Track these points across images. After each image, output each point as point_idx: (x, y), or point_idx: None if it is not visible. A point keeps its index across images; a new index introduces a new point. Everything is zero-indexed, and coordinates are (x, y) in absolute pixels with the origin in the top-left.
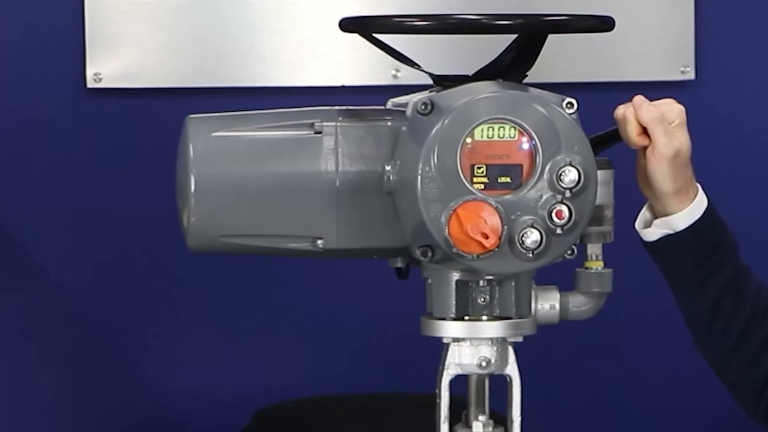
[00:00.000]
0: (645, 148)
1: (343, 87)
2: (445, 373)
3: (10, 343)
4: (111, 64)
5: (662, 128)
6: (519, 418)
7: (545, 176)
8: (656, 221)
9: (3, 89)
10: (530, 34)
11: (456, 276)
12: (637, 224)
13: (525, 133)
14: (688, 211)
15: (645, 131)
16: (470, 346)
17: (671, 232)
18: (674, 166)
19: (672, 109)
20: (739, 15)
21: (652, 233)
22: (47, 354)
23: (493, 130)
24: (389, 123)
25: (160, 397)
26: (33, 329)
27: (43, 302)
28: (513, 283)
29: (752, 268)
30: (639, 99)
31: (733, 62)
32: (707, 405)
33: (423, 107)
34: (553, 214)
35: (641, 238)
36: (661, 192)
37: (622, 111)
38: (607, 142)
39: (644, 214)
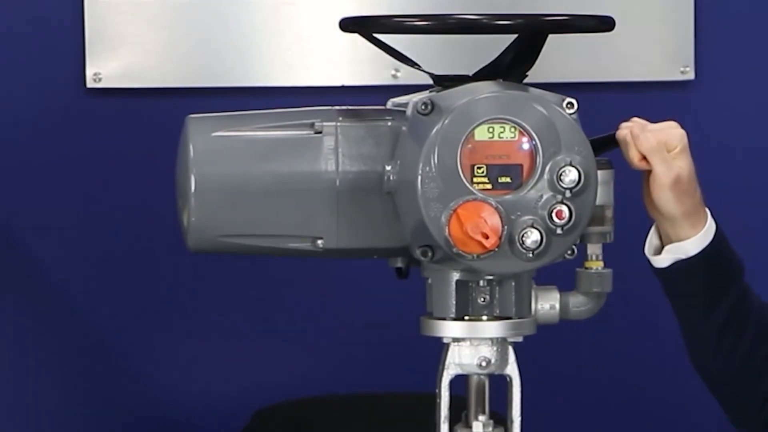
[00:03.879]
0: (648, 171)
1: (343, 87)
2: (445, 373)
3: (9, 343)
4: (111, 64)
5: (660, 157)
6: (519, 418)
7: (545, 176)
8: (667, 247)
9: (3, 89)
10: (530, 34)
11: (456, 276)
12: (647, 251)
13: (525, 133)
14: (701, 236)
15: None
16: (470, 346)
17: (684, 257)
18: (676, 192)
19: (672, 135)
20: (739, 15)
21: (663, 260)
22: (47, 354)
23: (493, 130)
24: (389, 123)
25: (160, 397)
26: (32, 329)
27: (42, 302)
28: (513, 283)
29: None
30: (638, 128)
31: (733, 62)
32: (708, 404)
33: (423, 107)
34: (554, 214)
35: (651, 264)
36: (669, 216)
37: (625, 134)
38: (607, 146)
39: (652, 239)
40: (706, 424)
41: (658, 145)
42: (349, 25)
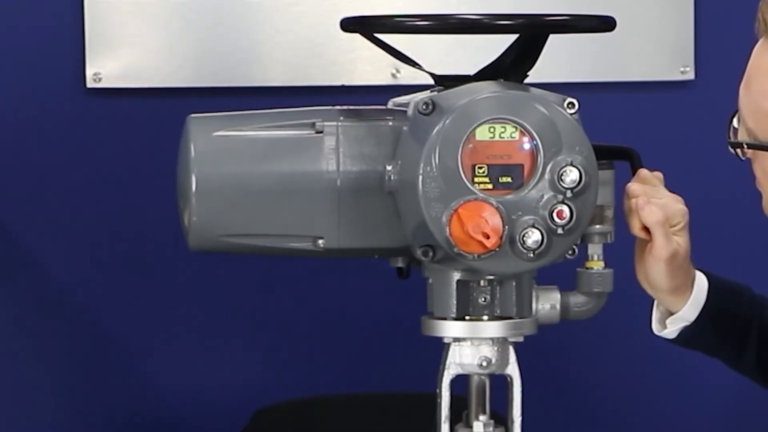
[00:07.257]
0: (644, 242)
1: (343, 87)
2: (445, 373)
3: (9, 342)
4: (111, 64)
5: (662, 231)
6: (519, 418)
7: (546, 176)
8: (669, 320)
9: (3, 89)
10: (532, 34)
11: (457, 276)
12: (654, 328)
13: (526, 133)
14: (693, 301)
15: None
16: (471, 345)
17: (687, 323)
18: (671, 267)
19: (677, 211)
20: (739, 15)
21: (670, 332)
22: (47, 354)
23: (494, 130)
24: (390, 123)
25: (160, 397)
26: (32, 329)
27: (42, 302)
28: (514, 283)
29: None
30: (643, 200)
31: (733, 62)
32: (709, 405)
33: (424, 107)
34: (554, 214)
35: (665, 338)
36: (658, 288)
37: (632, 203)
38: (612, 157)
39: (655, 314)
40: (705, 424)
41: (663, 218)
42: (350, 24)
